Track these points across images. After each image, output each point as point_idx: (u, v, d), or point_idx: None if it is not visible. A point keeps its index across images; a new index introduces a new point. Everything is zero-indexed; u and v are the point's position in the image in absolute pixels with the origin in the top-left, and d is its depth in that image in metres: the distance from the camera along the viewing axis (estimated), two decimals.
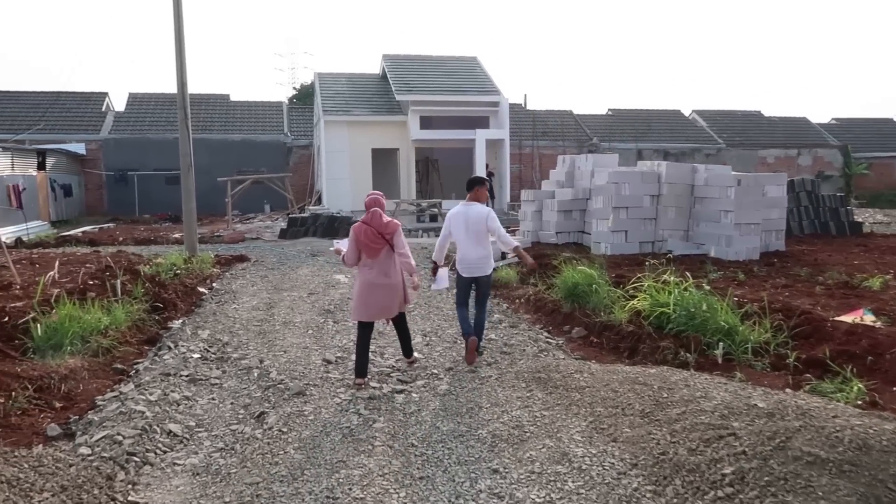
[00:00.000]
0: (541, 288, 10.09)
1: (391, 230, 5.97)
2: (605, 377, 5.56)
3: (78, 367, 6.26)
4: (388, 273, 5.99)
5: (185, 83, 14.89)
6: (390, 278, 5.99)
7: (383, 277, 5.97)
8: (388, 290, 5.99)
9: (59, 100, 31.46)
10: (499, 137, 25.41)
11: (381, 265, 5.98)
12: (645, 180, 12.54)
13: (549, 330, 8.23)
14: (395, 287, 6.03)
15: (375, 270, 5.97)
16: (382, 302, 6.00)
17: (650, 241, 12.74)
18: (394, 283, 6.02)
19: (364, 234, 5.94)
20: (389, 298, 6.01)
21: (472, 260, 6.62)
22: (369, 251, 5.96)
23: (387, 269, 5.99)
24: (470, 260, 6.63)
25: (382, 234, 5.94)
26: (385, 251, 5.97)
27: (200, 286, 11.43)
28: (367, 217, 6.02)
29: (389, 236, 5.97)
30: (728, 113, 39.51)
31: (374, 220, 5.97)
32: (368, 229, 5.95)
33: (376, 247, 5.93)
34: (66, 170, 27.71)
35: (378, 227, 5.94)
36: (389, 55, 29.05)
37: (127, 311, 8.10)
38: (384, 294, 5.98)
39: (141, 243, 18.95)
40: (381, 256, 5.97)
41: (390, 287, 5.99)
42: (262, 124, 32.46)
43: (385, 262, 5.99)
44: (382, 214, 6.04)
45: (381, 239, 5.94)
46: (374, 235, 5.92)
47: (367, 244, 5.94)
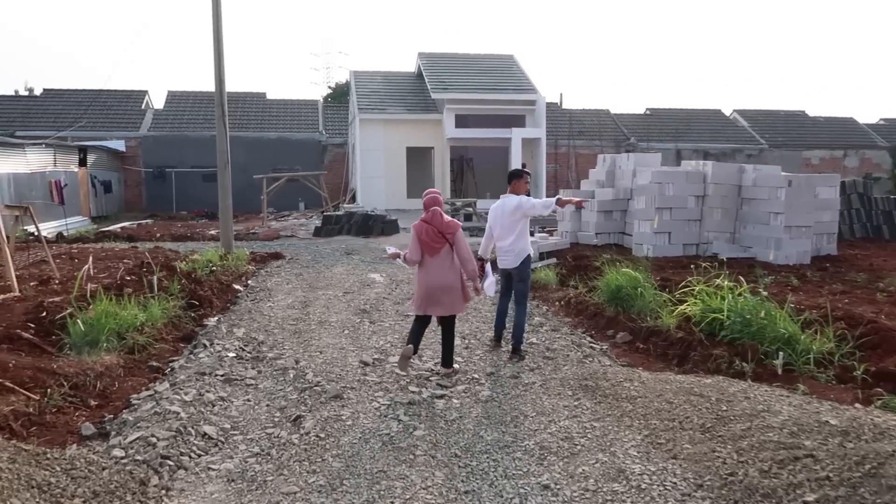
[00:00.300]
0: (581, 290, 9.79)
1: (452, 230, 6.00)
2: (658, 387, 5.26)
3: (113, 364, 6.17)
4: (446, 272, 6.01)
5: (222, 80, 14.87)
6: (449, 277, 6.01)
7: (442, 276, 6.00)
8: (447, 289, 6.01)
9: (101, 98, 32.00)
10: (535, 137, 25.06)
11: (440, 264, 6.02)
12: (690, 180, 12.12)
13: (591, 334, 7.93)
14: (454, 286, 6.03)
15: (435, 269, 6.01)
16: (440, 299, 6.03)
17: (694, 244, 12.32)
18: (452, 282, 6.02)
19: (425, 233, 5.98)
20: (447, 296, 6.03)
21: (504, 249, 6.68)
22: (430, 250, 5.99)
23: (446, 268, 6.02)
24: (502, 249, 6.70)
25: (443, 233, 5.96)
26: (445, 250, 6.00)
27: (236, 283, 11.37)
28: (428, 216, 6.03)
29: (450, 236, 5.99)
30: (770, 112, 38.49)
31: (435, 219, 6.00)
32: (430, 228, 5.98)
33: (437, 245, 5.96)
34: (107, 166, 28.15)
35: (438, 226, 5.97)
36: (425, 53, 28.89)
37: (163, 308, 8.03)
38: (442, 292, 6.01)
39: (178, 239, 19.08)
40: (440, 255, 6.01)
41: (449, 286, 6.01)
42: (297, 122, 32.61)
43: (444, 260, 6.02)
44: (442, 213, 6.06)
45: (442, 238, 5.96)
46: (434, 234, 5.96)
47: (428, 243, 5.97)
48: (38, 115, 30.14)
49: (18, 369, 5.43)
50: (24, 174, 20.43)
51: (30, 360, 5.72)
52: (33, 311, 6.88)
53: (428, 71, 26.99)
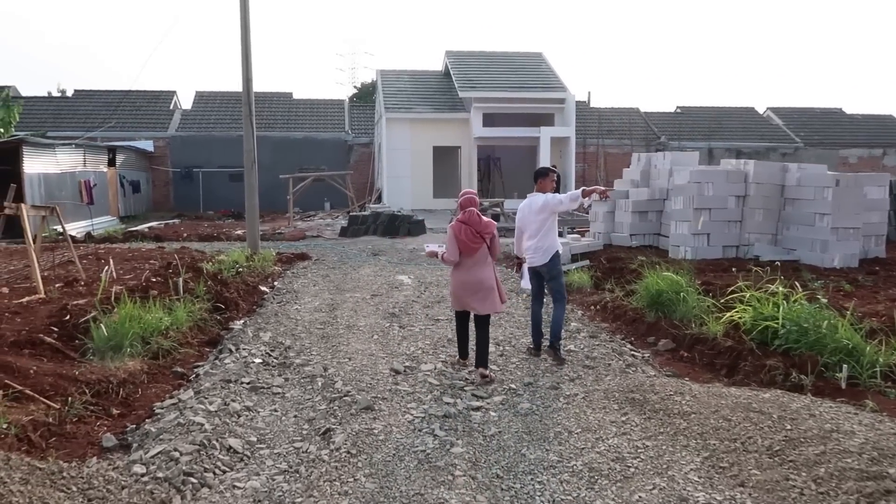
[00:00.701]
0: (618, 294, 9.41)
1: (489, 230, 6.04)
2: (712, 401, 4.88)
3: (137, 370, 5.97)
4: (482, 271, 6.07)
5: (250, 79, 14.73)
6: (485, 277, 6.07)
7: (478, 275, 6.05)
8: (482, 288, 6.05)
9: (130, 98, 32.21)
10: (564, 135, 24.61)
11: (476, 264, 6.07)
12: (730, 180, 11.64)
13: (631, 341, 7.56)
14: (489, 286, 6.07)
15: (471, 269, 6.07)
16: (476, 298, 6.08)
17: (734, 246, 11.84)
18: (488, 281, 6.07)
19: (463, 233, 5.99)
20: (483, 295, 6.07)
21: (533, 247, 6.65)
22: (468, 249, 6.03)
23: (482, 268, 6.08)
24: (531, 248, 6.67)
25: (481, 233, 5.99)
26: (482, 250, 6.06)
27: (262, 285, 11.19)
28: (465, 216, 6.05)
29: (488, 236, 6.04)
30: (805, 110, 37.48)
31: (472, 219, 6.01)
32: (467, 228, 5.99)
33: (474, 246, 6.00)
34: (135, 166, 28.32)
35: (476, 227, 5.99)
36: (452, 51, 28.58)
37: (188, 311, 7.83)
38: (478, 291, 6.06)
39: (204, 239, 19.03)
40: (477, 255, 6.06)
41: (484, 285, 6.05)
42: (323, 122, 32.52)
43: (480, 260, 6.08)
44: (479, 213, 6.08)
45: (479, 238, 5.99)
46: (472, 235, 5.97)
47: (466, 243, 5.99)
48: (68, 116, 30.44)
49: (39, 376, 5.24)
50: (55, 174, 20.55)
51: (51, 366, 5.53)
52: (57, 314, 6.71)
53: (455, 69, 26.67)
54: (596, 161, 32.05)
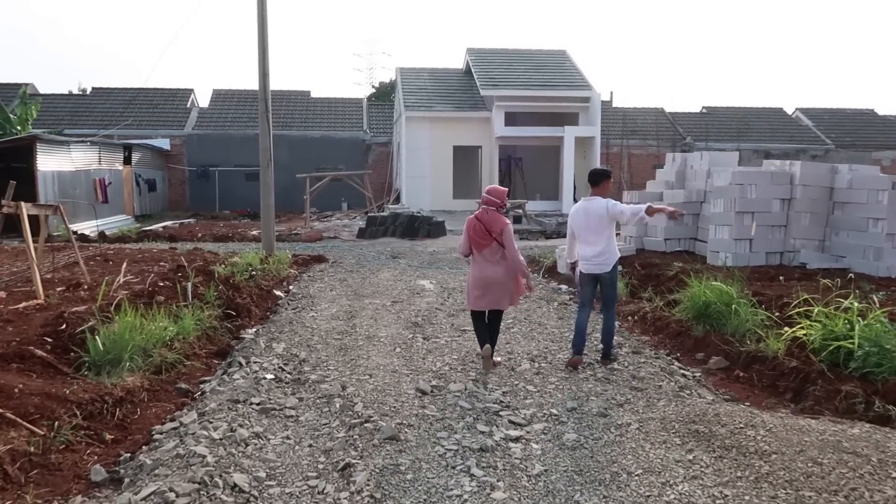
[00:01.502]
0: (658, 304, 8.71)
1: (498, 228, 6.04)
2: (793, 438, 4.20)
3: (137, 386, 5.40)
4: (493, 267, 6.09)
5: (266, 73, 14.20)
6: (496, 274, 6.09)
7: (489, 272, 6.10)
8: (493, 285, 6.10)
9: (147, 96, 31.95)
10: (589, 135, 23.87)
11: (487, 260, 6.12)
12: (775, 181, 10.90)
13: (678, 358, 6.88)
14: (501, 283, 6.10)
15: (482, 265, 6.14)
16: (488, 295, 6.13)
17: (778, 252, 11.09)
18: (499, 278, 6.09)
19: (473, 229, 6.12)
20: (494, 292, 6.12)
21: (590, 255, 6.40)
22: (477, 245, 6.14)
23: (492, 265, 6.10)
24: (588, 255, 6.42)
25: (490, 231, 6.04)
26: (492, 247, 6.08)
27: (277, 289, 10.63)
28: (480, 213, 6.17)
29: (497, 234, 6.04)
30: (836, 111, 36.40)
31: (483, 216, 6.10)
32: (478, 225, 6.09)
33: (483, 242, 6.08)
34: (151, 165, 27.99)
35: (486, 224, 6.05)
36: (474, 49, 27.92)
37: (197, 318, 7.28)
38: (489, 288, 6.11)
39: (219, 240, 18.56)
40: (486, 252, 6.11)
41: (495, 282, 6.09)
42: (341, 121, 32.03)
43: (491, 257, 6.11)
44: (494, 211, 6.11)
45: (488, 235, 6.04)
46: (482, 231, 6.06)
47: (476, 239, 6.11)
48: (85, 114, 30.20)
49: (25, 396, 4.67)
50: (69, 172, 20.20)
51: (40, 384, 4.97)
52: (52, 322, 6.16)
53: (477, 67, 26.01)
54: (619, 162, 31.24)
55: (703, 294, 7.72)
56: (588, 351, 6.76)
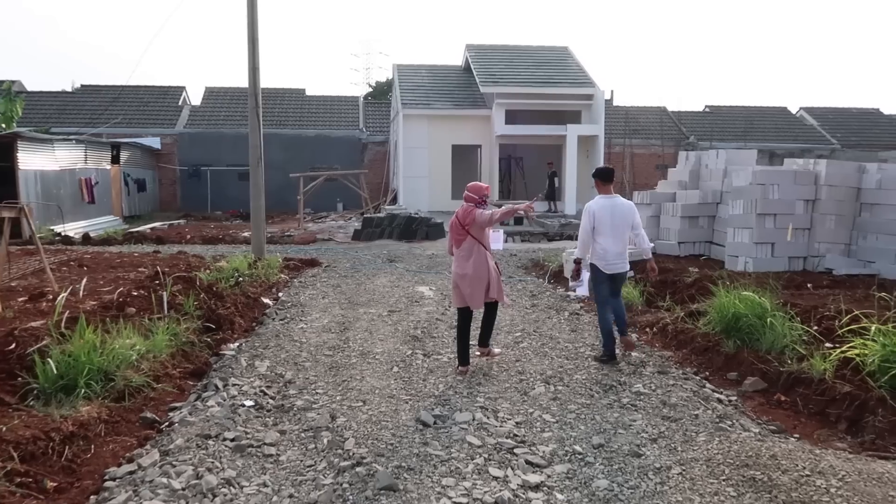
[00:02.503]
0: (678, 314, 7.98)
1: (469, 221, 6.06)
2: (875, 491, 3.48)
3: (93, 418, 4.65)
4: (470, 263, 6.10)
5: (257, 67, 13.49)
6: (473, 268, 6.09)
7: (466, 267, 6.12)
8: (472, 279, 6.09)
9: (137, 93, 31.16)
10: (592, 133, 23.14)
11: (464, 255, 6.15)
12: (798, 181, 10.19)
13: (708, 377, 6.17)
14: (479, 277, 6.10)
15: (460, 260, 6.19)
16: (468, 290, 6.14)
17: (801, 257, 10.39)
18: (477, 272, 6.09)
19: (452, 227, 6.23)
20: (474, 286, 6.10)
21: (614, 255, 6.46)
22: (455, 241, 6.24)
23: (469, 259, 6.11)
24: (612, 255, 6.45)
25: (463, 225, 6.09)
26: (467, 242, 6.11)
27: (265, 296, 9.90)
28: (459, 210, 6.21)
29: (468, 227, 6.07)
30: (841, 110, 35.77)
31: (460, 212, 6.16)
32: (455, 221, 6.19)
33: (459, 237, 6.16)
34: (141, 164, 27.20)
35: (460, 219, 6.13)
36: (473, 45, 27.16)
37: (172, 333, 6.54)
38: (469, 282, 6.11)
39: (208, 242, 17.83)
40: (463, 247, 6.15)
41: (473, 276, 6.09)
42: (337, 119, 31.28)
43: (467, 252, 6.13)
44: (467, 206, 6.10)
45: (463, 230, 6.10)
46: (457, 227, 6.16)
47: (454, 235, 6.23)
48: (73, 111, 29.38)
49: None
50: (53, 171, 19.41)
51: None
52: (1, 341, 5.40)
53: (476, 63, 25.26)
54: (622, 162, 30.57)
55: (732, 305, 7.01)
56: (596, 366, 6.03)
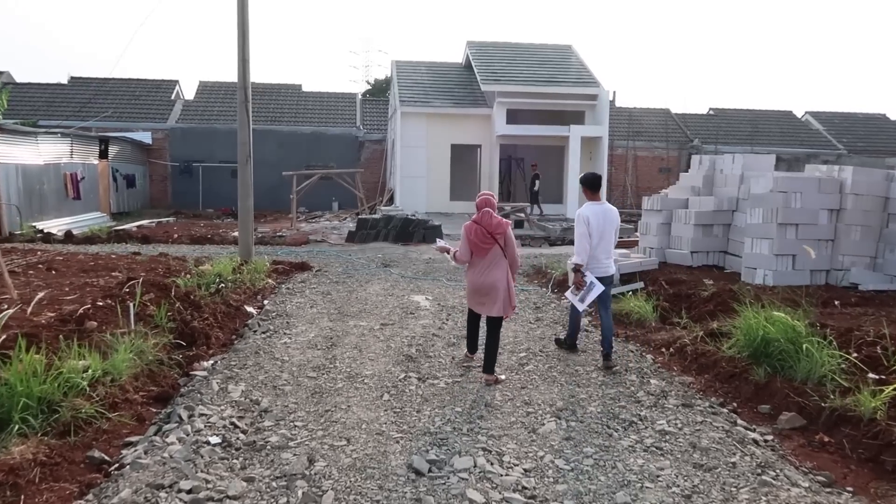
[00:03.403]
0: (697, 332, 7.30)
1: (501, 230, 6.03)
2: None
3: (27, 460, 3.96)
4: (494, 272, 6.05)
5: (247, 59, 12.78)
6: (497, 277, 6.04)
7: (490, 276, 6.05)
8: (494, 289, 6.03)
9: (129, 87, 30.41)
10: (596, 135, 22.46)
11: (488, 264, 6.07)
12: (823, 189, 9.52)
13: (736, 409, 5.49)
14: (501, 286, 6.04)
15: (483, 269, 6.08)
16: (487, 299, 6.09)
17: (824, 270, 9.71)
18: (500, 283, 6.04)
19: (475, 234, 6.03)
20: (495, 295, 6.05)
21: (606, 256, 6.69)
22: (479, 250, 6.06)
23: (494, 268, 6.06)
24: (604, 256, 6.67)
25: (492, 233, 6.01)
26: (493, 251, 6.06)
27: (249, 304, 9.20)
28: (478, 217, 6.08)
29: (499, 236, 6.03)
30: (848, 115, 35.15)
31: (485, 219, 6.03)
32: (479, 229, 6.01)
33: (485, 246, 6.03)
34: (131, 159, 26.44)
35: (488, 227, 6.00)
36: (474, 42, 26.44)
37: (138, 350, 5.85)
38: (490, 291, 6.05)
39: (196, 242, 17.11)
40: (489, 256, 6.06)
41: (496, 286, 6.03)
42: (333, 116, 30.55)
43: (492, 261, 6.07)
44: (493, 214, 6.07)
45: (491, 238, 6.01)
46: (483, 235, 6.00)
47: (477, 243, 6.03)
48: (62, 104, 28.59)
49: None
50: (36, 165, 18.65)
51: None
52: None
53: (477, 61, 24.54)
54: (624, 164, 29.93)
55: (760, 327, 6.33)
56: (627, 403, 5.34)
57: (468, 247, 6.07)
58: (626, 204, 29.38)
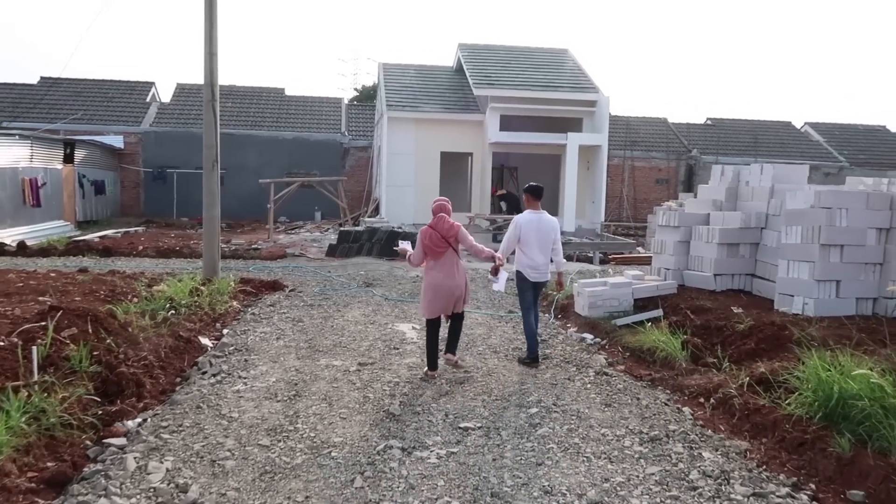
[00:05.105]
0: (742, 379, 5.98)
1: (453, 233, 6.35)
2: None
3: None
4: (450, 274, 6.38)
5: (214, 52, 11.55)
6: (453, 279, 6.39)
7: (446, 278, 6.37)
8: (451, 290, 6.39)
9: (101, 88, 28.90)
10: (595, 143, 21.21)
11: (444, 267, 6.38)
12: (871, 205, 8.26)
13: (815, 494, 4.17)
14: (458, 287, 6.42)
15: (439, 272, 6.39)
16: (446, 301, 6.42)
17: (871, 298, 8.44)
18: (456, 283, 6.41)
19: (429, 238, 6.34)
20: (452, 297, 6.41)
21: (540, 265, 6.99)
22: (433, 254, 6.37)
23: (450, 271, 6.38)
24: (538, 265, 6.98)
25: (446, 237, 6.32)
26: (448, 254, 6.36)
27: (205, 334, 7.82)
28: (434, 221, 6.41)
29: (452, 239, 6.34)
30: (848, 127, 34.27)
31: (439, 224, 6.36)
32: (434, 233, 6.33)
33: (440, 250, 6.34)
34: (101, 164, 24.88)
35: (442, 232, 6.32)
36: (466, 45, 25.17)
37: (37, 410, 4.47)
38: (447, 293, 6.39)
39: (163, 255, 15.66)
40: (444, 259, 6.37)
41: (453, 287, 6.39)
42: (317, 122, 29.15)
43: (448, 263, 6.39)
44: (447, 219, 6.40)
45: (445, 242, 6.32)
46: (438, 239, 6.31)
47: (432, 247, 6.34)
48: (30, 105, 26.97)
49: None
50: None
51: None
52: None
53: (469, 64, 23.26)
54: (621, 175, 28.75)
55: (833, 380, 5.03)
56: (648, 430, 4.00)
57: (422, 250, 6.41)
58: (622, 216, 28.19)
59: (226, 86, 30.98)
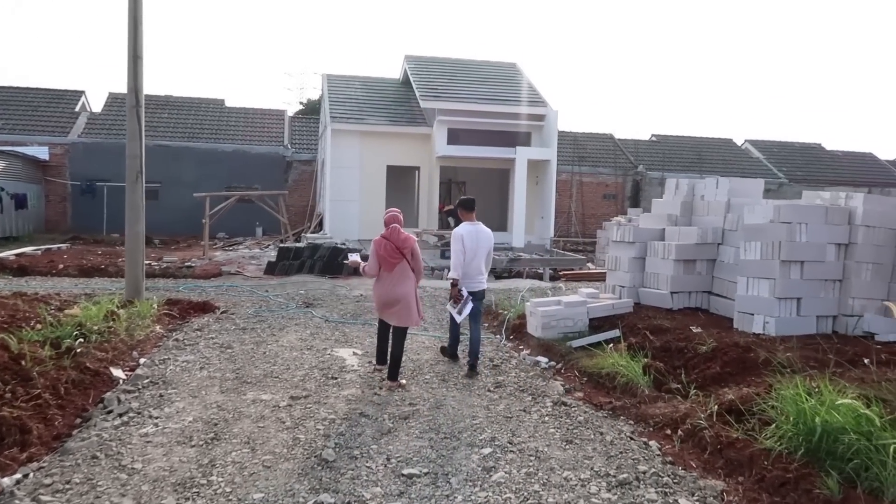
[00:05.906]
0: (712, 408, 5.50)
1: (408, 245, 6.39)
2: None
3: None
4: (401, 285, 6.36)
5: (139, 55, 10.63)
6: (403, 290, 6.35)
7: (397, 289, 6.34)
8: (401, 301, 6.34)
9: (26, 96, 27.22)
10: (544, 158, 20.90)
11: (395, 278, 6.37)
12: (830, 220, 8.01)
13: None
14: (408, 299, 6.36)
15: (390, 282, 6.37)
16: (393, 311, 6.39)
17: (831, 316, 8.17)
18: (406, 294, 6.36)
19: (384, 249, 6.33)
20: (401, 308, 6.36)
21: (479, 272, 7.10)
22: (387, 264, 6.35)
23: (400, 282, 6.36)
24: (478, 273, 7.10)
25: (400, 248, 6.33)
26: (401, 265, 6.37)
27: (117, 364, 6.92)
28: (387, 233, 6.41)
29: (406, 251, 6.37)
30: (785, 144, 35.17)
31: (393, 235, 6.37)
32: (388, 244, 6.33)
33: (393, 261, 6.33)
34: (22, 176, 23.26)
35: (396, 243, 6.34)
36: (413, 56, 24.64)
37: None
38: (394, 305, 6.36)
39: (85, 273, 14.49)
40: (396, 270, 6.36)
41: (402, 298, 6.34)
42: (259, 134, 28.10)
43: (399, 274, 6.37)
44: (401, 231, 6.44)
45: (399, 253, 6.33)
46: (392, 250, 6.32)
47: (386, 258, 6.33)
48: None
49: None
50: None
51: None
52: None
53: (416, 76, 22.73)
54: (569, 190, 28.62)
55: (815, 412, 4.58)
56: None
57: (376, 261, 6.39)
58: (571, 232, 28.05)
59: (162, 96, 29.66)
